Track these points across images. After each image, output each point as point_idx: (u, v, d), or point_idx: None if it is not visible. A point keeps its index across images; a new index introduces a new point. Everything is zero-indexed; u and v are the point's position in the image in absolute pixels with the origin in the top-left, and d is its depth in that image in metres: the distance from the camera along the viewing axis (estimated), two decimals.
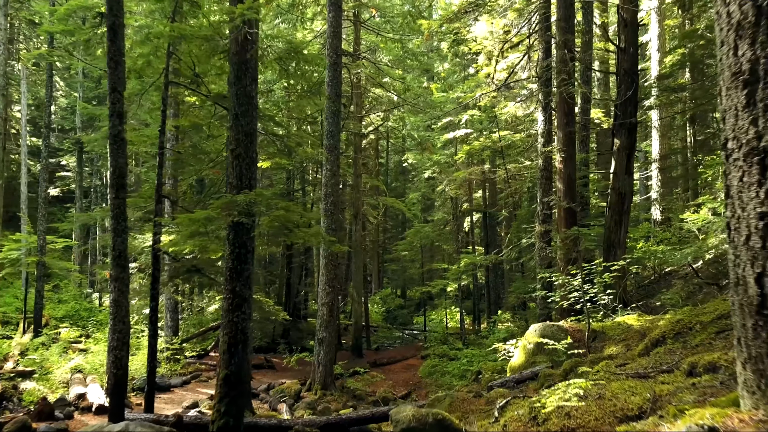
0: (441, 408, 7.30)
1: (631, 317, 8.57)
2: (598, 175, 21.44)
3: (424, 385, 17.06)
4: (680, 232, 22.44)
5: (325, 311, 14.15)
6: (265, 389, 14.02)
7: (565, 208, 12.27)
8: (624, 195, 12.19)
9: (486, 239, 25.72)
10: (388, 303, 35.68)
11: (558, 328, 8.40)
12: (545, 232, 12.88)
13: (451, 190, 24.25)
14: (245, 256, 6.86)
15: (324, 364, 14.06)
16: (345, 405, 13.46)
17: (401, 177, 44.65)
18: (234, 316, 6.73)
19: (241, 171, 6.91)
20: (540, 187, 13.28)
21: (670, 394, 3.22)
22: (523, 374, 7.81)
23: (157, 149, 10.36)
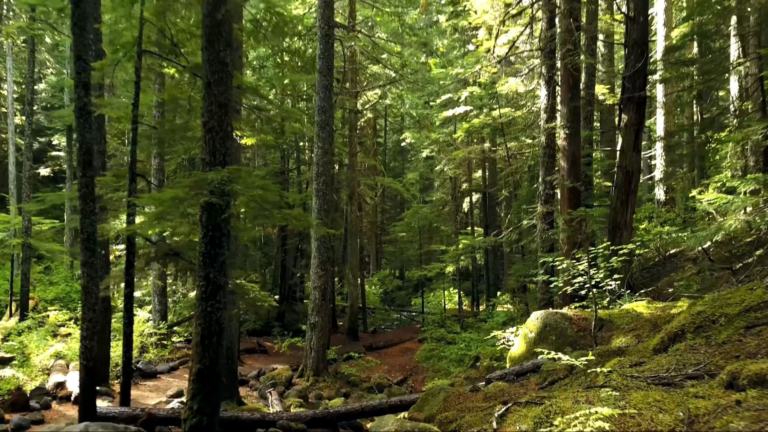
0: (434, 403, 6.76)
1: (640, 304, 7.99)
2: (601, 153, 20.75)
3: (420, 369, 16.59)
4: (686, 212, 21.87)
5: (318, 295, 13.60)
6: (256, 375, 13.53)
7: (568, 187, 11.63)
8: (631, 173, 11.54)
9: (485, 220, 25.11)
10: (386, 284, 35.21)
11: (561, 316, 7.83)
12: (547, 213, 12.25)
13: (450, 169, 23.55)
14: (220, 239, 6.24)
15: (316, 349, 13.55)
16: (338, 392, 12.99)
17: (400, 157, 43.92)
18: (208, 306, 6.13)
19: (214, 146, 6.25)
20: (542, 166, 12.62)
21: (709, 413, 2.63)
22: (524, 366, 7.25)
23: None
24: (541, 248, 12.30)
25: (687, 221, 20.92)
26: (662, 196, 21.89)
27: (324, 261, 13.62)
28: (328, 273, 13.89)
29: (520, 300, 19.15)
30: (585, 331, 7.61)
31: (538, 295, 12.34)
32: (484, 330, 16.29)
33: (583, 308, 8.92)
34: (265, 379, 13.17)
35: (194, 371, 6.07)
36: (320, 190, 13.62)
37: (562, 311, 8.02)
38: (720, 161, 19.82)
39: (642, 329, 6.96)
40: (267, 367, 15.06)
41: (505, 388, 6.61)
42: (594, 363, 6.06)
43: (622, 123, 11.69)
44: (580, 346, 7.40)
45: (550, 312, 8.01)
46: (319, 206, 13.59)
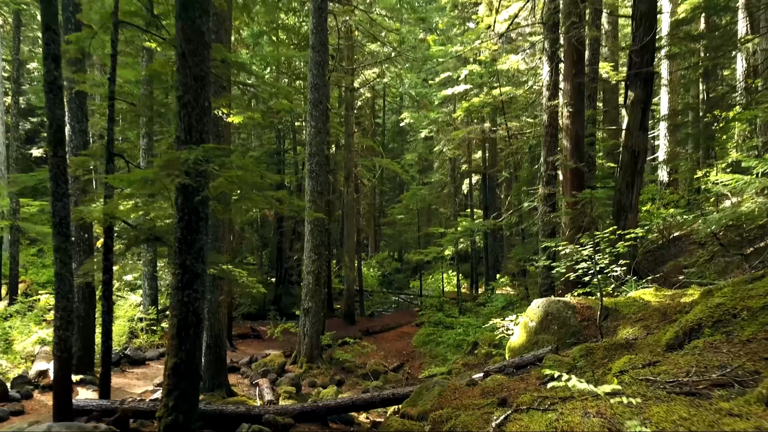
0: (428, 398, 6.35)
1: (647, 292, 7.55)
2: (604, 133, 20.20)
3: (417, 355, 16.25)
4: (690, 194, 21.37)
5: (311, 280, 13.17)
6: (247, 362, 13.16)
7: (571, 168, 11.13)
8: (637, 154, 11.04)
9: (485, 202, 24.62)
10: (384, 267, 34.84)
11: (564, 305, 7.39)
12: (549, 194, 11.77)
13: (449, 150, 23.01)
14: (197, 224, 5.77)
15: (310, 335, 13.17)
16: (332, 379, 12.63)
17: (399, 138, 43.27)
18: (184, 295, 5.69)
19: (190, 122, 5.75)
20: (544, 146, 12.11)
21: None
22: (525, 358, 6.83)
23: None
24: (542, 231, 11.84)
25: (691, 203, 20.46)
26: (665, 178, 21.39)
27: (318, 245, 13.17)
28: (322, 257, 13.45)
29: (519, 283, 18.76)
30: (589, 320, 7.18)
31: (539, 279, 11.92)
32: (482, 315, 15.92)
33: (586, 296, 8.49)
34: (257, 366, 12.81)
35: (170, 365, 5.64)
36: (313, 170, 13.11)
37: (565, 299, 7.58)
38: (726, 141, 19.29)
39: (650, 319, 6.52)
40: (260, 354, 14.71)
41: (504, 383, 6.19)
42: (600, 357, 5.64)
43: (628, 100, 11.15)
44: (583, 337, 6.97)
45: (552, 300, 7.57)
46: (313, 188, 13.10)
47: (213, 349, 10.18)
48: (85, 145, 10.65)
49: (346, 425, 7.39)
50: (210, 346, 10.17)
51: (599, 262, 7.49)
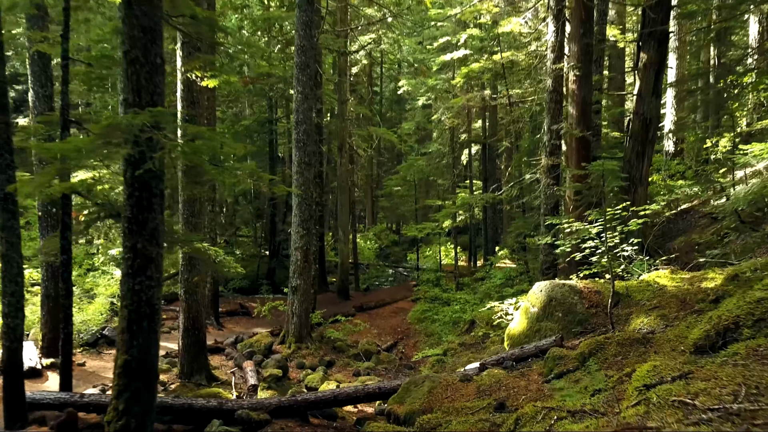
0: (417, 395, 5.66)
1: (662, 274, 6.81)
2: (609, 100, 19.25)
3: (412, 333, 15.65)
4: (698, 164, 20.52)
5: (300, 256, 12.45)
6: (233, 342, 12.53)
7: (577, 137, 10.29)
8: (649, 121, 10.21)
9: (485, 173, 23.77)
10: (381, 239, 34.17)
11: (570, 289, 6.66)
12: (552, 166, 10.96)
13: (448, 119, 22.04)
14: (150, 200, 5.00)
15: (299, 314, 12.50)
16: (321, 360, 12.02)
17: (396, 106, 42.15)
18: (136, 283, 4.95)
19: (138, 82, 4.92)
20: (548, 113, 11.23)
21: None
22: (525, 350, 6.12)
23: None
24: (544, 205, 11.07)
25: (699, 174, 19.64)
26: (671, 148, 20.54)
27: (306, 219, 12.41)
28: (311, 232, 12.69)
29: (519, 258, 18.06)
30: (597, 307, 6.46)
31: (540, 256, 11.20)
32: (480, 292, 15.26)
33: (593, 278, 7.76)
34: (243, 346, 12.19)
35: (120, 363, 4.92)
36: (300, 140, 12.26)
37: (570, 282, 6.85)
38: (738, 109, 18.36)
39: (668, 307, 5.80)
40: (247, 332, 14.09)
41: (503, 379, 5.50)
42: (613, 354, 4.92)
43: (640, 62, 10.26)
44: (591, 326, 6.26)
45: (556, 284, 6.83)
46: (300, 158, 12.27)
47: (191, 331, 9.51)
48: (50, 111, 9.81)
49: (328, 420, 6.74)
50: (188, 329, 9.50)
51: (609, 240, 6.74)
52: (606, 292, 6.55)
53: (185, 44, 9.02)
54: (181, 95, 9.26)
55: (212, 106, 14.83)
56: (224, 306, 17.10)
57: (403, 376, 11.93)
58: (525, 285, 14.02)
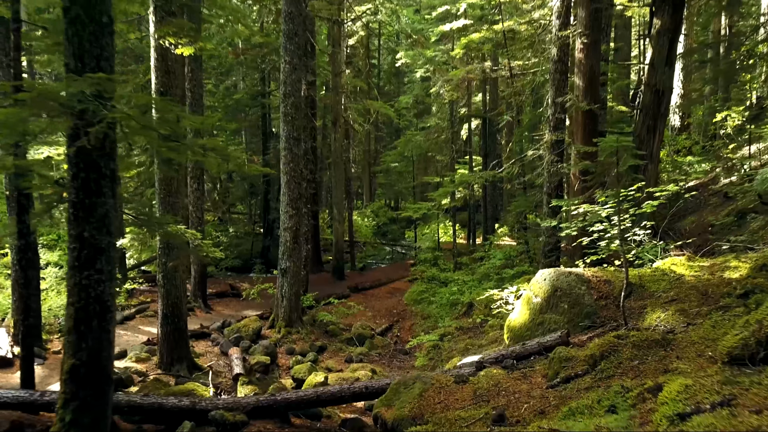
0: (407, 399, 5.07)
1: (678, 261, 6.18)
2: (614, 73, 18.42)
3: (408, 315, 15.13)
4: (706, 139, 19.77)
5: (289, 237, 11.83)
6: (219, 327, 11.98)
7: (584, 110, 9.57)
8: (662, 93, 9.48)
9: (485, 149, 23.03)
10: (379, 216, 33.54)
11: (577, 278, 6.04)
12: (556, 141, 10.25)
13: (447, 92, 21.17)
14: (98, 182, 4.35)
15: (288, 297, 11.95)
16: (312, 345, 11.50)
17: (395, 79, 41.13)
18: (83, 277, 4.34)
19: (80, 45, 4.23)
20: (552, 85, 10.48)
21: None
22: (528, 346, 5.53)
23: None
24: (547, 183, 10.40)
25: (707, 150, 18.90)
26: (678, 122, 19.80)
27: (295, 198, 11.75)
28: (301, 212, 12.04)
29: (519, 237, 17.45)
30: (607, 298, 5.85)
31: (541, 237, 10.58)
32: (479, 273, 14.69)
33: (600, 264, 7.14)
34: (230, 331, 11.63)
35: (67, 368, 4.33)
36: (288, 113, 11.53)
37: (577, 271, 6.22)
38: (750, 82, 17.56)
39: (687, 301, 5.18)
40: (236, 315, 13.55)
41: (502, 381, 4.92)
42: (628, 357, 4.32)
43: (653, 29, 9.49)
44: (600, 320, 5.65)
45: (561, 272, 6.21)
46: (288, 133, 11.55)
47: (170, 319, 8.93)
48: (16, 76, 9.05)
49: (312, 420, 6.20)
50: (167, 316, 8.92)
51: (621, 224, 6.11)
52: (617, 281, 5.93)
53: (158, 8, 8.24)
54: (155, 64, 8.52)
55: (198, 78, 14.03)
56: (214, 287, 16.55)
57: (398, 362, 11.44)
58: (525, 266, 13.45)
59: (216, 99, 20.68)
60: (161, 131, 4.24)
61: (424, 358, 10.59)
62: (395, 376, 7.65)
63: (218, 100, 20.31)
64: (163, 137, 4.20)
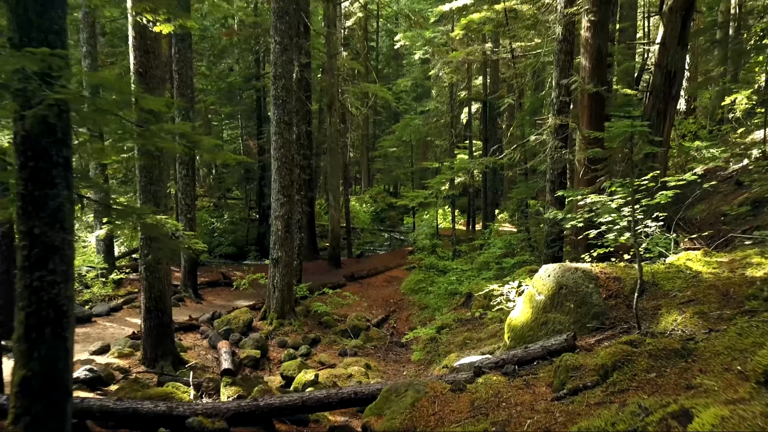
0: (398, 409, 4.63)
1: (694, 257, 5.72)
2: (619, 54, 17.81)
3: (405, 304, 14.72)
4: (713, 123, 19.21)
5: (280, 226, 11.36)
6: (209, 319, 11.56)
7: (590, 93, 9.04)
8: (673, 74, 8.95)
9: (485, 133, 22.45)
10: (378, 202, 33.02)
11: (584, 275, 5.58)
12: (561, 126, 9.73)
13: (447, 74, 20.57)
14: (49, 172, 3.87)
15: (281, 288, 11.51)
16: (305, 338, 11.09)
17: (394, 62, 40.40)
18: (34, 279, 3.87)
19: (26, 17, 3.73)
20: (556, 66, 9.93)
21: None
22: (530, 350, 5.08)
23: None
24: (551, 170, 9.90)
25: (714, 134, 18.36)
26: (683, 106, 19.23)
27: (286, 185, 11.26)
28: (293, 199, 11.55)
29: (520, 224, 16.99)
30: (617, 297, 5.39)
31: (544, 226, 10.10)
32: (478, 262, 14.24)
33: (608, 258, 6.67)
34: (220, 323, 11.21)
35: (17, 380, 3.88)
36: (279, 96, 10.99)
37: (584, 267, 5.75)
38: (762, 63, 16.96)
39: (706, 302, 4.73)
40: (228, 306, 13.14)
41: (502, 391, 4.48)
42: (644, 369, 3.87)
43: (665, 6, 8.92)
44: (610, 322, 5.20)
45: (567, 268, 5.74)
46: (279, 117, 11.02)
47: (154, 313, 8.49)
48: None
49: (298, 426, 5.79)
50: (150, 310, 8.48)
51: (633, 216, 5.64)
52: (627, 278, 5.47)
53: None
54: (132, 43, 7.98)
55: (186, 59, 13.48)
56: (206, 276, 16.13)
57: (393, 355, 11.04)
58: (527, 254, 13.00)
59: (209, 82, 20.07)
60: (120, 114, 3.74)
61: (421, 352, 10.19)
62: (388, 380, 7.23)
63: (211, 82, 19.72)
64: (122, 121, 3.70)
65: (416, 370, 9.78)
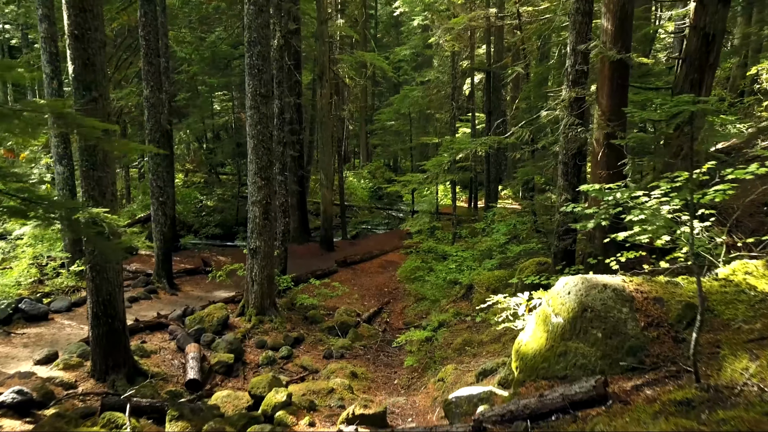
0: None
1: (754, 268, 4.48)
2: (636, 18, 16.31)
3: (401, 294, 13.59)
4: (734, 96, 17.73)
5: (258, 212, 10.12)
6: (180, 315, 10.40)
7: (613, 60, 7.68)
8: (712, 38, 7.58)
9: (488, 105, 20.97)
10: (377, 177, 31.70)
11: (614, 294, 4.35)
12: (577, 99, 8.39)
13: (447, 42, 19.03)
14: None
15: (260, 281, 10.35)
16: (287, 337, 9.97)
17: (394, 31, 38.64)
18: None
19: None
20: (572, 29, 8.53)
21: None
22: (546, 400, 3.88)
23: None
24: (564, 151, 8.60)
25: (736, 106, 16.95)
26: None
27: (264, 166, 9.97)
28: (272, 182, 10.27)
29: (525, 206, 15.70)
30: (659, 326, 4.17)
31: (555, 216, 8.83)
32: (480, 250, 13.03)
33: (639, 264, 5.45)
34: (192, 321, 10.08)
35: None
36: (255, 65, 9.63)
37: (614, 282, 4.51)
38: None
39: None
40: (206, 298, 12.00)
41: None
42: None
43: None
44: (652, 360, 3.99)
45: (591, 283, 4.51)
46: (254, 89, 9.68)
47: (103, 319, 7.33)
48: None
49: None
50: (98, 316, 7.31)
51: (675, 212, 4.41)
52: (671, 300, 4.25)
53: None
54: (66, 1, 6.65)
55: (152, 24, 12.04)
56: (187, 261, 14.97)
57: (385, 357, 9.90)
58: (534, 242, 11.77)
59: (192, 50, 18.59)
60: None
61: (415, 356, 9.05)
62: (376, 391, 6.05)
63: (193, 51, 18.25)
64: None
65: (409, 379, 8.67)
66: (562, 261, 8.40)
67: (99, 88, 6.97)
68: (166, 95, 14.45)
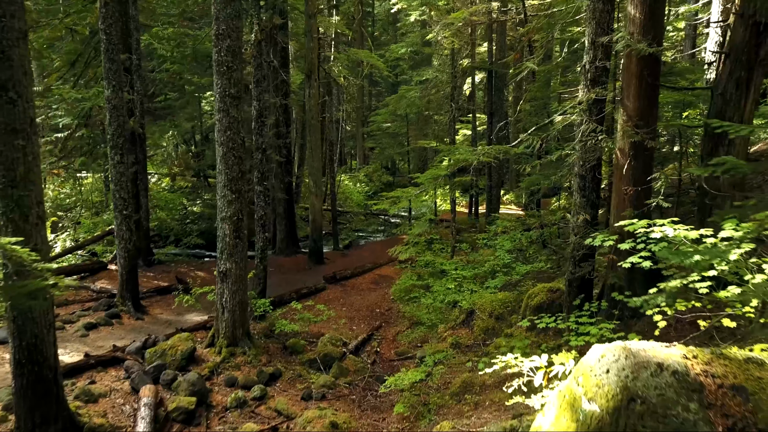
0: None
1: None
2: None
3: (394, 317, 12.32)
4: None
5: (228, 230, 8.86)
6: (139, 348, 9.11)
7: (642, 55, 6.41)
8: (762, 28, 6.31)
9: (490, 106, 19.74)
10: (374, 181, 30.44)
11: (674, 380, 3.08)
12: (596, 101, 7.13)
13: (446, 38, 17.77)
14: None
15: (231, 309, 9.09)
16: (261, 373, 8.70)
17: (392, 29, 37.43)
18: None
19: None
20: (591, 18, 7.26)
21: None
22: None
23: None
24: (580, 162, 7.32)
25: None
26: (712, 76, 16.47)
27: (235, 178, 8.70)
28: (243, 196, 8.99)
29: (531, 215, 14.44)
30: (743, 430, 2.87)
31: (571, 237, 7.56)
32: (482, 269, 11.76)
33: (693, 313, 4.22)
34: (152, 354, 8.80)
35: None
36: (224, 62, 8.37)
37: (673, 360, 3.23)
38: None
39: None
40: (176, 323, 10.76)
41: None
42: None
43: None
44: None
45: (640, 361, 3.23)
46: (223, 89, 8.41)
47: (28, 367, 6.07)
48: None
49: None
50: (21, 363, 6.05)
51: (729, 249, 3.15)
52: (758, 391, 2.99)
53: None
54: None
55: (113, 16, 10.79)
56: (160, 278, 13.72)
57: (372, 398, 8.60)
58: (542, 262, 10.52)
59: (172, 47, 17.31)
60: None
61: (406, 401, 7.76)
62: None
63: (173, 48, 16.99)
64: None
65: (399, 429, 7.39)
66: (579, 293, 7.13)
67: (18, 88, 5.71)
68: (137, 95, 13.21)
